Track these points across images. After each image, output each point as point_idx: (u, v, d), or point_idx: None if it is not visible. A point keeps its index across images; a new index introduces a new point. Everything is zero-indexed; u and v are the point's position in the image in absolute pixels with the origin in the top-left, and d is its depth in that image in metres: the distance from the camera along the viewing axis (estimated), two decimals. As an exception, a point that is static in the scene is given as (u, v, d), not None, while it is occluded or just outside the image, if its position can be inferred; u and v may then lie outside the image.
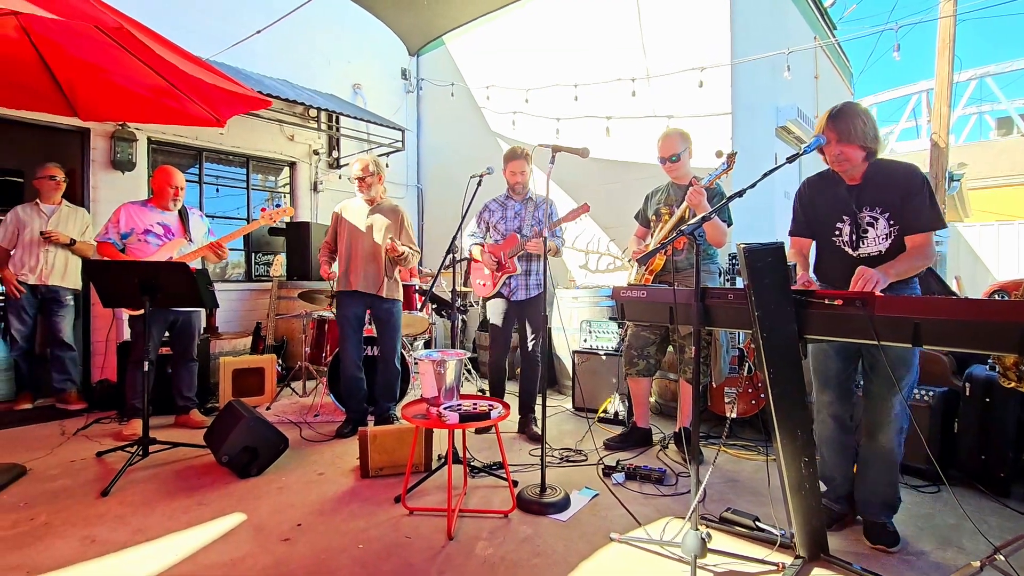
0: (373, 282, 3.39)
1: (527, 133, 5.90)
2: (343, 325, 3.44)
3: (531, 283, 3.48)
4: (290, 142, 6.08)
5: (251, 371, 4.20)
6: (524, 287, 3.46)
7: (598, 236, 5.29)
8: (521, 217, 3.48)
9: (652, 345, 3.09)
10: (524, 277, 3.46)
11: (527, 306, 3.47)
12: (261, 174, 6.19)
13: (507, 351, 3.52)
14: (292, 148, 6.10)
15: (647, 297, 2.18)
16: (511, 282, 3.44)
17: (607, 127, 5.15)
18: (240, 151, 5.76)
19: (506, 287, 3.44)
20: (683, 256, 3.00)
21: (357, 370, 3.47)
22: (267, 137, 5.89)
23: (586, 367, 4.07)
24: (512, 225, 3.48)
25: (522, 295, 3.45)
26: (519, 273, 3.43)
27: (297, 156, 6.17)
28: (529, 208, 3.51)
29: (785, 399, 1.99)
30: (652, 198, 3.20)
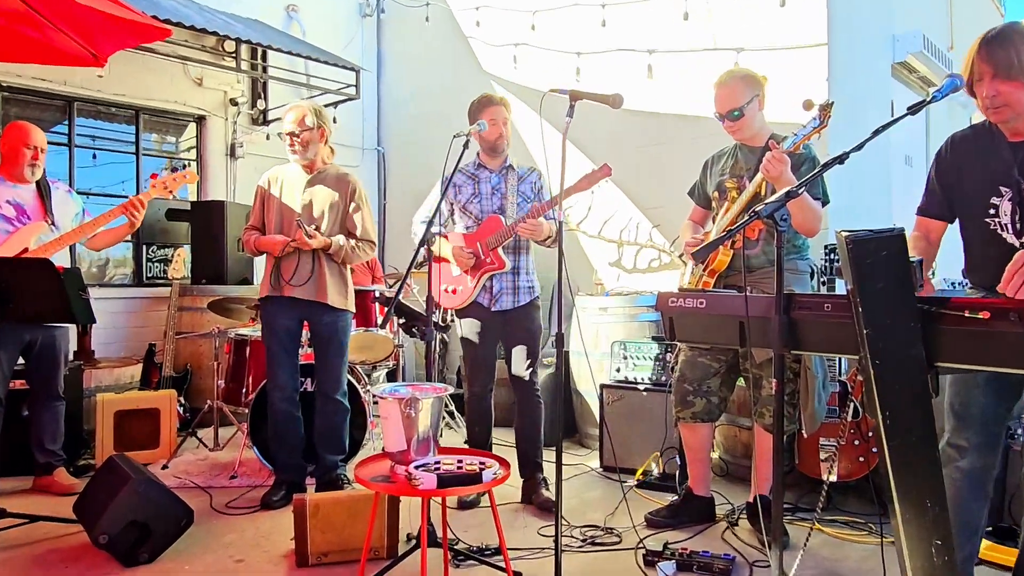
0: (313, 284, 3.40)
1: (534, 74, 5.91)
2: (271, 345, 3.44)
3: (521, 284, 3.50)
4: (197, 88, 6.11)
5: (141, 414, 4.20)
6: (512, 290, 3.48)
7: (637, 221, 5.30)
8: (502, 193, 3.51)
9: (714, 377, 3.08)
10: (511, 277, 3.48)
11: (517, 318, 3.49)
12: (157, 133, 6.21)
13: (490, 382, 3.54)
14: (200, 97, 6.13)
15: (706, 308, 2.17)
16: (494, 284, 3.46)
17: (648, 64, 5.16)
18: (126, 101, 5.79)
19: (485, 293, 3.46)
20: (758, 249, 2.99)
21: (291, 411, 3.47)
22: (165, 81, 5.92)
23: (619, 408, 4.07)
24: (490, 204, 3.50)
25: (508, 302, 3.47)
26: (507, 270, 3.44)
27: (207, 108, 6.20)
28: (511, 180, 3.53)
29: (908, 455, 1.96)
30: (714, 167, 3.19)
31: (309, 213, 3.43)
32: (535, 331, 3.52)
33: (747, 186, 2.95)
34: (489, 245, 3.43)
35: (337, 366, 3.48)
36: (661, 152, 5.17)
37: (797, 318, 2.00)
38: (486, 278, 3.44)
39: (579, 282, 5.31)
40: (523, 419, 3.52)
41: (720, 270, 2.99)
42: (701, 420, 3.10)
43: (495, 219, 3.45)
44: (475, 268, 3.45)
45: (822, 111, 2.62)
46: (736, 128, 2.99)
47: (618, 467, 3.92)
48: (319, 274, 3.40)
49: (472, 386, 3.52)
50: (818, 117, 2.63)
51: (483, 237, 3.45)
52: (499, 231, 3.41)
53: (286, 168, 3.55)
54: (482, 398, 3.52)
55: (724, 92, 2.98)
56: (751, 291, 2.89)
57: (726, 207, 3.03)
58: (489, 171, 3.54)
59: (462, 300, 3.48)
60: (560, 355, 2.45)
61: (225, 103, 6.27)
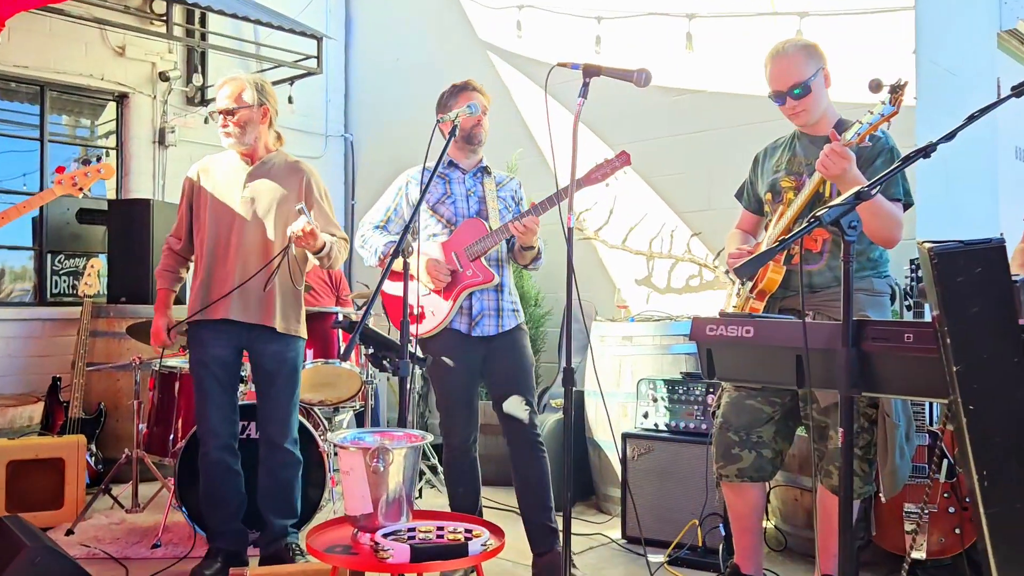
0: (256, 304, 3.40)
1: (543, 43, 5.96)
2: (202, 380, 3.45)
3: (504, 305, 3.51)
4: (118, 58, 6.16)
5: (41, 465, 4.19)
6: (495, 312, 3.48)
7: (671, 227, 5.31)
8: (479, 196, 3.54)
9: (766, 425, 3.07)
10: (494, 295, 3.49)
11: (503, 347, 3.48)
12: (68, 114, 6.26)
13: (474, 431, 3.52)
14: (122, 70, 6.18)
15: (755, 337, 2.16)
16: (473, 304, 3.46)
17: (687, 32, 5.20)
18: (28, 75, 5.84)
19: (462, 315, 3.46)
20: (822, 264, 2.99)
21: (228, 463, 3.47)
22: (77, 50, 5.98)
23: (647, 464, 4.05)
24: (466, 208, 3.52)
25: (491, 326, 3.47)
26: (493, 285, 3.45)
27: (131, 83, 6.24)
28: (488, 184, 3.56)
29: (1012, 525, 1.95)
30: (766, 162, 3.20)
31: (253, 213, 3.44)
32: (527, 364, 3.51)
33: (806, 184, 2.95)
34: (471, 254, 3.42)
35: (285, 406, 3.48)
36: (702, 141, 5.19)
37: (871, 351, 2.00)
38: (464, 296, 3.43)
39: (597, 304, 5.31)
40: (525, 476, 3.43)
41: (771, 290, 2.98)
42: (750, 479, 3.08)
43: (474, 222, 3.45)
44: (450, 285, 3.43)
45: (893, 95, 2.62)
46: (800, 109, 2.99)
47: (645, 538, 3.88)
48: (262, 292, 3.39)
49: (450, 437, 3.48)
50: (889, 102, 2.63)
51: (461, 245, 3.44)
52: (483, 237, 3.41)
53: (220, 157, 3.57)
54: (464, 453, 3.48)
55: (783, 64, 2.98)
56: (812, 317, 2.90)
57: (780, 211, 3.04)
58: (461, 171, 3.56)
59: (433, 325, 3.45)
60: (570, 396, 2.45)
61: (153, 78, 6.32)
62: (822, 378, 2.09)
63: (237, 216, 3.43)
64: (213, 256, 3.43)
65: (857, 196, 1.99)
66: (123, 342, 5.09)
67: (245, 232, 3.41)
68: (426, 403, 5.79)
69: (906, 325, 2.00)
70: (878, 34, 4.50)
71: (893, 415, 2.85)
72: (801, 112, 2.99)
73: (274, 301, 3.41)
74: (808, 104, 2.97)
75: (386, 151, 6.99)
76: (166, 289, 3.57)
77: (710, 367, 2.24)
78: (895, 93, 2.59)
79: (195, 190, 3.53)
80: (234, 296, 3.37)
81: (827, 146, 2.70)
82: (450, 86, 3.55)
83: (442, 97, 3.55)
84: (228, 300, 3.38)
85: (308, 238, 3.21)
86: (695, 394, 4.11)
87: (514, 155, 5.61)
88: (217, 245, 3.43)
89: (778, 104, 3.02)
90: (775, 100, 3.02)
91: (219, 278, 3.41)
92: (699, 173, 5.16)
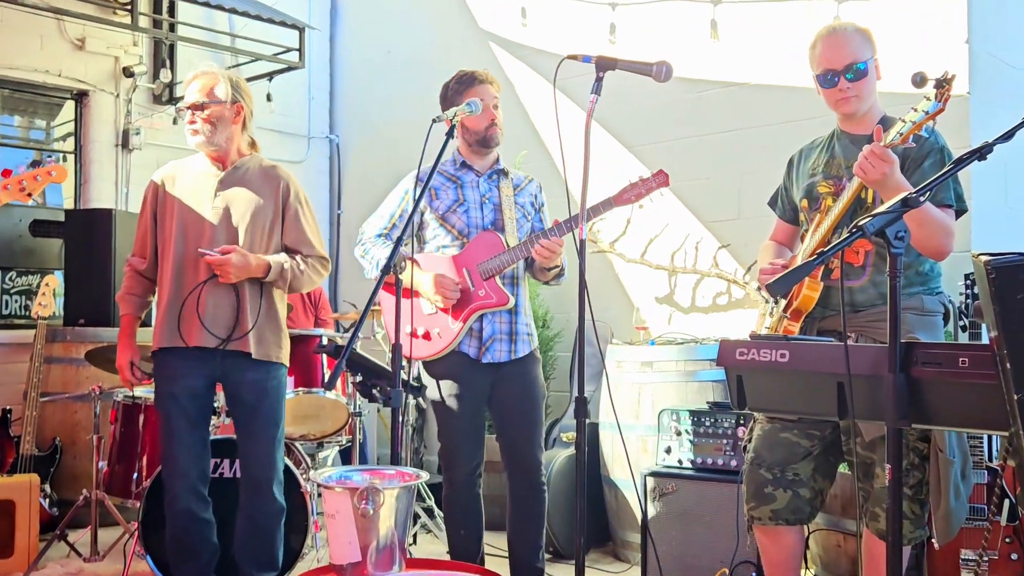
0: (228, 326, 3.40)
1: (551, 32, 5.99)
2: (169, 415, 3.44)
3: (519, 329, 3.54)
4: (78, 52, 6.19)
5: (-12, 508, 4.18)
6: (508, 336, 3.51)
7: (696, 239, 5.32)
8: (495, 203, 3.56)
9: (803, 460, 3.05)
10: (508, 318, 3.51)
11: (513, 376, 3.51)
12: (20, 114, 6.29)
13: (479, 466, 3.55)
14: (82, 64, 6.21)
15: (790, 362, 2.16)
16: (484, 327, 3.49)
17: (712, 19, 5.22)
18: (-22, 69, 5.86)
19: (472, 338, 3.48)
20: (865, 279, 2.98)
21: (197, 509, 3.45)
22: (31, 43, 6.01)
23: (671, 505, 4.05)
24: (480, 217, 3.55)
25: (503, 352, 3.50)
26: (507, 307, 3.47)
27: (91, 80, 6.27)
28: (505, 188, 3.58)
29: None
30: (802, 164, 3.21)
31: (226, 225, 3.44)
32: (538, 395, 3.55)
33: (846, 189, 2.95)
34: (484, 273, 3.44)
35: (268, 444, 3.47)
36: (731, 141, 5.20)
37: (921, 377, 2.00)
38: (475, 318, 3.45)
39: (613, 325, 5.31)
40: (521, 515, 3.51)
41: (807, 310, 2.97)
42: (786, 522, 3.06)
43: (490, 236, 3.48)
44: (460, 305, 3.45)
45: (939, 90, 2.62)
46: (852, 94, 2.97)
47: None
48: (240, 312, 3.40)
49: (452, 471, 3.52)
50: (934, 97, 2.63)
51: (473, 261, 3.47)
52: (499, 254, 3.44)
53: (187, 162, 3.57)
54: (467, 489, 3.51)
55: (839, 41, 2.97)
56: (855, 339, 2.89)
57: (818, 220, 3.03)
58: (475, 173, 3.59)
59: (438, 348, 3.48)
60: (583, 429, 2.44)
61: (116, 74, 6.36)
62: (866, 408, 2.08)
63: (207, 227, 3.42)
64: (181, 273, 3.42)
65: (904, 203, 2.00)
66: (81, 369, 5.09)
67: (217, 245, 3.40)
68: (421, 437, 5.79)
69: (961, 348, 2.00)
70: (926, 22, 4.51)
71: (947, 450, 2.84)
72: (852, 98, 2.97)
73: (248, 322, 3.40)
74: (860, 89, 2.96)
75: (376, 154, 7.02)
76: (131, 316, 3.56)
77: (740, 396, 2.24)
78: (941, 88, 2.57)
79: (160, 197, 3.51)
80: (207, 316, 3.37)
81: (866, 147, 2.70)
82: (455, 76, 3.57)
83: (446, 90, 3.57)
84: (198, 322, 3.37)
85: (222, 268, 3.29)
86: (724, 427, 4.10)
87: (518, 158, 5.63)
88: (186, 261, 3.42)
89: (825, 87, 2.99)
90: (824, 82, 2.99)
91: (185, 299, 3.39)
92: (728, 178, 5.17)
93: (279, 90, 6.50)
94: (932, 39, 4.46)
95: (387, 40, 7.07)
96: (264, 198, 3.48)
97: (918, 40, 4.45)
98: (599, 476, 4.71)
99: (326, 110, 7.44)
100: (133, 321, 3.57)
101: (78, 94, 6.27)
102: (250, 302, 3.41)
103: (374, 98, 7.17)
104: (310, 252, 3.53)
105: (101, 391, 4.41)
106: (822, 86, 3.00)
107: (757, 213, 3.49)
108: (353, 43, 7.41)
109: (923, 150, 2.91)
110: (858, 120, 3.04)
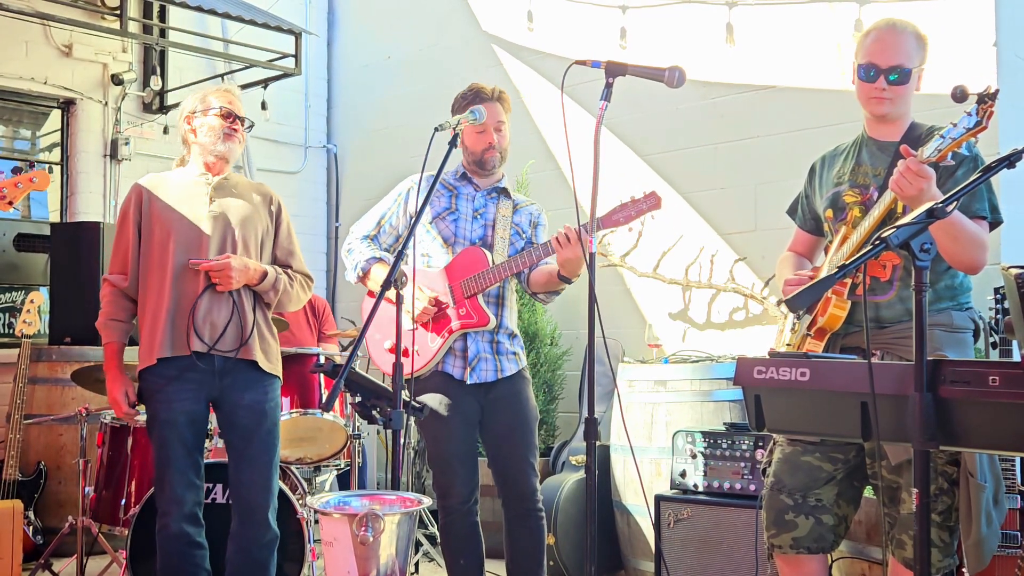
0: (233, 332, 3.41)
1: (558, 36, 6.00)
2: (164, 441, 3.41)
3: (503, 348, 3.55)
4: (65, 59, 6.22)
5: (-31, 536, 4.18)
6: (493, 355, 3.52)
7: (712, 251, 5.31)
8: (487, 220, 3.58)
9: (826, 485, 3.04)
10: (491, 336, 3.52)
11: (502, 397, 3.53)
12: (5, 124, 6.33)
13: (474, 490, 3.55)
14: (68, 72, 6.23)
15: (811, 381, 2.15)
16: (469, 346, 3.50)
17: (727, 23, 5.23)
18: (-40, 76, 5.88)
19: (455, 357, 3.50)
20: (892, 294, 2.97)
21: (190, 537, 3.43)
22: (16, 49, 6.03)
23: (686, 531, 4.03)
24: (469, 230, 3.56)
25: (489, 371, 3.51)
26: (489, 327, 3.48)
27: (79, 88, 6.30)
28: (503, 208, 3.60)
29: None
30: (825, 172, 3.20)
31: (225, 228, 3.44)
32: (530, 417, 3.56)
33: (876, 201, 2.94)
34: (466, 290, 3.45)
35: (265, 469, 3.46)
36: (748, 149, 5.20)
37: (950, 397, 1.99)
38: (456, 336, 3.46)
39: (624, 343, 5.31)
40: (518, 545, 3.52)
41: (833, 329, 2.95)
42: (807, 550, 3.04)
43: (476, 252, 3.50)
44: (440, 322, 3.47)
45: (981, 106, 2.60)
46: (888, 96, 2.96)
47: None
48: (243, 321, 3.40)
49: (447, 498, 3.51)
50: (975, 113, 2.61)
51: (456, 277, 3.48)
52: (483, 271, 3.44)
53: (168, 175, 3.58)
54: (464, 516, 3.51)
55: (893, 38, 2.95)
56: (880, 357, 2.88)
57: (844, 232, 3.03)
58: (475, 188, 3.62)
59: (418, 366, 3.49)
60: (593, 452, 2.43)
61: (104, 81, 6.38)
62: (892, 430, 2.07)
63: (204, 233, 3.42)
64: (176, 286, 3.40)
65: (930, 213, 1.99)
66: (67, 390, 5.09)
67: (217, 249, 3.41)
68: (423, 460, 5.77)
69: (991, 366, 1.99)
70: (951, 24, 4.52)
71: (978, 474, 2.82)
72: (887, 100, 2.95)
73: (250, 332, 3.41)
74: (900, 94, 2.95)
75: (376, 164, 7.03)
76: (117, 345, 3.48)
77: (759, 417, 2.23)
78: (984, 104, 2.56)
79: (146, 205, 3.47)
80: (204, 329, 3.37)
81: (902, 163, 2.68)
82: (462, 92, 3.58)
83: (453, 106, 3.58)
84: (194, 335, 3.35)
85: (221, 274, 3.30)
86: (741, 449, 4.09)
87: (525, 168, 5.63)
88: (186, 268, 3.41)
89: (863, 80, 2.97)
90: (863, 74, 2.97)
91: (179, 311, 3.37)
92: (744, 187, 5.17)
93: (274, 98, 6.52)
94: (958, 42, 4.45)
95: (387, 45, 7.09)
96: (259, 209, 3.53)
97: (944, 43, 4.42)
98: (610, 501, 4.70)
99: (323, 119, 7.45)
100: (120, 350, 3.49)
101: (65, 102, 6.29)
102: (249, 311, 3.43)
103: (373, 106, 7.18)
104: (299, 268, 3.57)
105: (88, 413, 4.41)
106: (860, 78, 2.97)
107: (775, 224, 3.49)
108: (352, 48, 7.43)
109: (956, 162, 2.90)
110: (887, 125, 3.02)
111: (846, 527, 3.09)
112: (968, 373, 1.99)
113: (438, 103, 3.64)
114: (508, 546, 3.54)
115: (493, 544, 3.75)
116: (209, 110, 3.47)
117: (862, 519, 3.77)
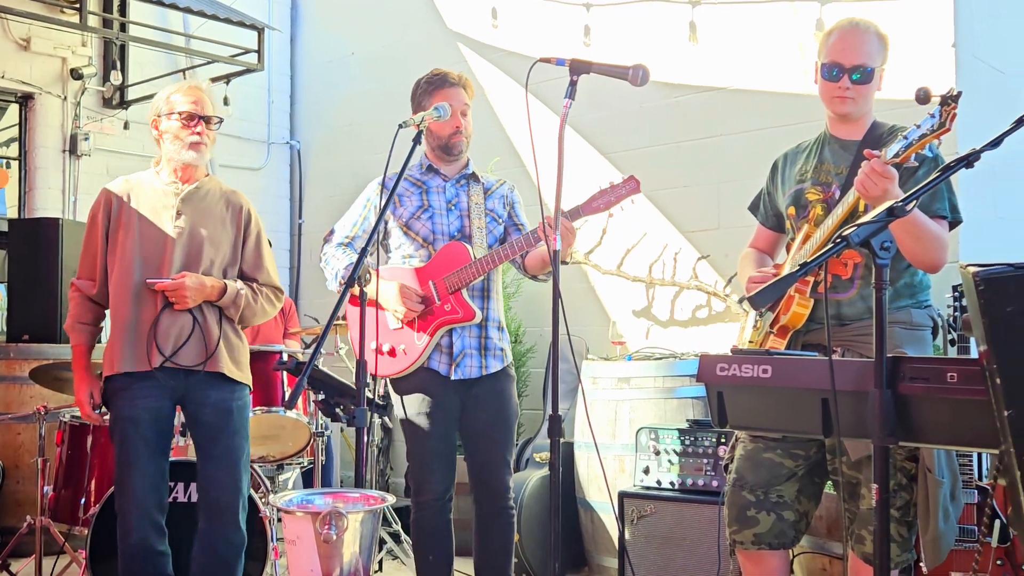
0: (196, 345, 3.39)
1: (523, 34, 6.00)
2: (126, 441, 3.39)
3: (490, 344, 3.56)
4: (22, 52, 6.14)
5: (-76, 537, 4.13)
6: (479, 351, 3.52)
7: (675, 249, 5.34)
8: (462, 210, 3.57)
9: (787, 481, 3.07)
10: (477, 331, 3.52)
11: (485, 394, 3.53)
12: (-40, 117, 6.22)
13: (450, 487, 3.55)
14: (27, 65, 6.16)
15: (773, 378, 2.16)
16: (454, 342, 3.50)
17: (691, 21, 5.26)
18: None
19: (441, 354, 3.50)
20: (854, 292, 3.00)
21: (152, 541, 3.40)
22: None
23: (649, 528, 4.05)
24: (446, 224, 3.56)
25: (474, 367, 3.51)
26: (475, 322, 3.48)
27: (36, 82, 6.22)
28: (474, 194, 3.61)
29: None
30: (788, 168, 3.22)
31: (189, 244, 3.42)
32: (511, 416, 3.57)
33: (837, 197, 2.97)
34: (450, 286, 3.45)
35: (233, 469, 3.44)
36: (711, 148, 5.23)
37: (909, 393, 2.01)
38: (442, 332, 3.46)
39: (588, 340, 5.31)
40: (488, 542, 3.53)
41: (796, 326, 2.98)
42: (769, 546, 3.07)
43: (456, 247, 3.49)
44: (426, 319, 3.46)
45: (944, 108, 2.63)
46: (851, 95, 2.99)
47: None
48: (207, 335, 3.39)
49: (422, 494, 3.51)
50: (938, 116, 2.64)
51: (439, 273, 3.47)
52: (464, 266, 3.44)
53: (140, 178, 3.54)
54: (437, 513, 3.51)
55: (856, 38, 2.99)
56: (840, 353, 2.91)
57: (806, 230, 3.05)
58: (443, 178, 3.61)
59: (405, 365, 3.48)
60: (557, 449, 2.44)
61: (63, 76, 6.31)
62: (852, 426, 2.09)
63: (168, 245, 3.40)
64: (141, 299, 3.38)
65: (890, 212, 2.01)
66: (25, 388, 5.04)
67: (177, 265, 3.39)
68: (387, 458, 5.77)
69: (949, 363, 2.01)
70: (911, 25, 4.56)
71: (936, 469, 2.86)
72: (850, 99, 2.98)
73: (217, 339, 3.40)
74: (862, 93, 2.98)
75: (339, 160, 7.01)
76: (84, 347, 3.48)
77: (721, 413, 2.24)
78: (946, 106, 2.56)
79: (115, 211, 3.45)
80: (170, 337, 3.36)
81: (866, 164, 2.71)
82: (427, 76, 3.58)
83: (416, 88, 3.58)
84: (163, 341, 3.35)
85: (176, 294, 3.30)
86: (704, 445, 4.11)
87: (490, 165, 5.61)
88: (145, 286, 3.38)
89: (826, 79, 3.00)
90: (826, 74, 2.99)
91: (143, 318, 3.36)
92: (707, 186, 5.20)
93: (237, 94, 6.47)
94: (917, 43, 4.50)
95: (351, 41, 7.06)
96: (226, 221, 3.49)
97: (903, 44, 4.48)
98: (574, 498, 4.71)
99: (286, 115, 7.41)
100: (87, 352, 3.49)
101: (23, 97, 6.21)
102: (214, 325, 3.41)
103: (337, 102, 7.15)
104: (266, 281, 3.55)
105: (46, 411, 4.37)
106: (823, 77, 3.00)
107: (738, 223, 3.51)
108: (315, 44, 7.39)
109: (916, 162, 2.93)
110: (850, 124, 3.05)
111: (807, 523, 3.12)
112: (927, 370, 2.02)
113: (402, 100, 3.63)
114: (477, 544, 3.55)
115: (460, 543, 3.74)
116: (172, 114, 3.43)
117: (823, 515, 3.80)
